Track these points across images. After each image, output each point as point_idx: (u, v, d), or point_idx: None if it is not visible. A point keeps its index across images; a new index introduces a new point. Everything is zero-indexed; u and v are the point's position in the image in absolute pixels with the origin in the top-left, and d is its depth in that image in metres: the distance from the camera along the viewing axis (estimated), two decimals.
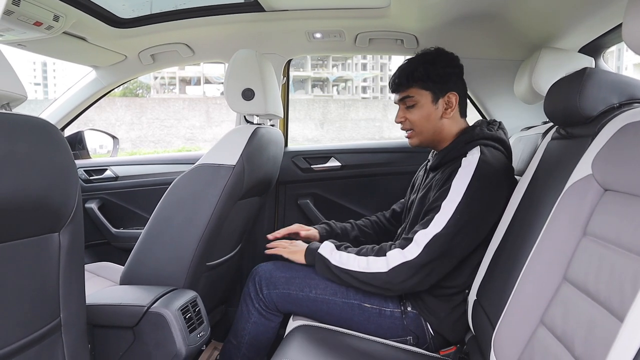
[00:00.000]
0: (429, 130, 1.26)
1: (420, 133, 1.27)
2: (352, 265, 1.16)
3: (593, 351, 0.61)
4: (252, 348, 1.29)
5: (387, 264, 1.12)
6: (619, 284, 0.61)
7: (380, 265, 1.12)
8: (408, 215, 1.34)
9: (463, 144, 1.20)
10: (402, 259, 1.11)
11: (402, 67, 1.27)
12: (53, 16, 1.32)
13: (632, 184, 0.67)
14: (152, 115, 12.54)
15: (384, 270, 1.11)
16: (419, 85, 1.24)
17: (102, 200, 1.99)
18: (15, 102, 0.78)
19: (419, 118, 1.25)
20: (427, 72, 1.22)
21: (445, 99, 1.24)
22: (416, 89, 1.24)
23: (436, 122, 1.25)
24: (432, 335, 1.18)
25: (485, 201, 1.13)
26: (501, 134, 1.25)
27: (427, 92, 1.24)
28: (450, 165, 1.20)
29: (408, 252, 1.11)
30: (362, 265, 1.14)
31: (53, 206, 0.76)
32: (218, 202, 1.21)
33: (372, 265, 1.13)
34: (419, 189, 1.34)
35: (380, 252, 1.16)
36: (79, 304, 0.86)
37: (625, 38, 0.71)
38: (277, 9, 1.58)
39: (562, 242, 0.79)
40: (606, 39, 1.40)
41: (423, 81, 1.23)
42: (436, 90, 1.24)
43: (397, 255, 1.12)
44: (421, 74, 1.23)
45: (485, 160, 1.14)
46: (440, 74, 1.23)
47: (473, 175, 1.11)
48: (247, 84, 1.33)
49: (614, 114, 0.85)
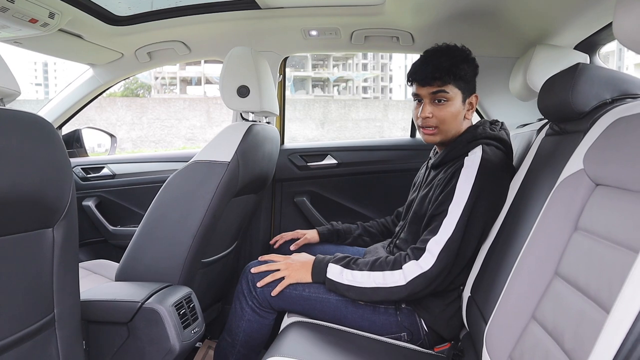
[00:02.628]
0: (453, 129, 1.23)
1: (445, 131, 1.23)
2: (367, 282, 1.14)
3: (582, 344, 0.61)
4: (247, 345, 1.29)
5: (405, 277, 1.11)
6: (608, 278, 0.61)
7: (397, 279, 1.12)
8: (408, 214, 1.34)
9: (465, 142, 1.21)
10: (419, 271, 1.11)
11: (437, 60, 1.20)
12: (48, 13, 1.32)
13: (623, 178, 0.67)
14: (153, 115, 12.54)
15: (402, 284, 1.11)
16: (455, 83, 1.20)
17: (99, 198, 1.99)
18: (9, 97, 0.79)
19: (449, 116, 1.21)
20: (466, 71, 1.20)
21: (470, 99, 1.25)
22: (452, 86, 1.20)
23: (460, 122, 1.24)
24: (426, 332, 1.18)
25: (490, 199, 1.14)
26: (503, 134, 1.25)
27: (459, 91, 1.21)
28: (452, 164, 1.20)
29: (423, 262, 1.11)
30: (378, 280, 1.13)
31: (47, 201, 0.76)
32: (212, 198, 1.21)
33: (388, 279, 1.12)
34: (420, 187, 1.34)
35: (395, 265, 1.14)
36: (73, 299, 0.87)
37: (616, 33, 0.72)
38: (272, 6, 1.58)
39: (553, 237, 0.79)
40: (601, 35, 1.40)
41: (460, 79, 1.20)
42: (466, 90, 1.23)
43: (413, 267, 1.11)
44: (462, 71, 1.20)
45: (487, 159, 1.14)
46: (472, 74, 1.23)
47: (477, 175, 1.12)
48: (243, 81, 1.33)
49: (606, 109, 0.86)
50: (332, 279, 1.17)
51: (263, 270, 1.24)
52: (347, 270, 1.17)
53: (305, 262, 1.24)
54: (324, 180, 1.93)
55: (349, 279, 1.15)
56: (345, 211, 1.93)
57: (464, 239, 1.11)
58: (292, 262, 1.25)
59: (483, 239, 1.15)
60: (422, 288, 1.11)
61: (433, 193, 1.20)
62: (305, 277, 1.21)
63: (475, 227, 1.12)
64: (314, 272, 1.21)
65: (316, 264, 1.22)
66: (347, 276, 1.16)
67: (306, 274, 1.21)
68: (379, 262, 1.16)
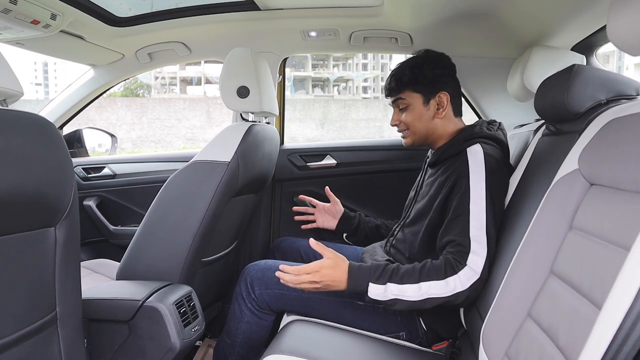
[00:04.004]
0: (422, 130, 1.29)
1: (413, 133, 1.30)
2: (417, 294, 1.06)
3: (575, 341, 0.62)
4: (246, 347, 1.29)
5: (462, 284, 1.05)
6: (601, 276, 0.62)
7: (455, 286, 1.05)
8: (407, 212, 1.34)
9: (462, 141, 1.21)
10: (475, 276, 1.05)
11: (392, 72, 1.31)
12: (50, 14, 1.33)
13: (617, 178, 0.68)
14: (153, 115, 12.54)
15: (461, 290, 1.05)
16: (409, 88, 1.27)
17: (100, 198, 2.00)
18: (12, 98, 0.79)
19: (411, 119, 1.29)
20: (415, 76, 1.26)
21: (437, 99, 1.27)
22: (407, 92, 1.28)
23: (428, 122, 1.28)
24: (425, 331, 1.18)
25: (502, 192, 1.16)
26: (500, 134, 1.26)
27: (417, 95, 1.27)
28: (449, 163, 1.20)
29: (475, 266, 1.05)
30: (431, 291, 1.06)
31: (49, 201, 0.77)
32: (213, 198, 1.22)
33: (443, 289, 1.06)
34: (420, 186, 1.35)
35: (447, 271, 1.06)
36: (75, 298, 0.88)
37: (610, 35, 0.73)
38: (272, 7, 1.59)
39: (549, 236, 0.80)
40: (598, 37, 1.41)
41: (412, 84, 1.26)
42: (426, 92, 1.26)
43: (468, 273, 1.05)
44: (409, 78, 1.26)
45: (489, 154, 1.16)
46: (428, 76, 1.26)
47: (486, 172, 1.12)
48: (242, 82, 1.34)
49: (601, 110, 0.87)
50: (376, 299, 1.08)
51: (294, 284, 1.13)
52: (391, 284, 1.07)
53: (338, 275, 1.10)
54: (323, 180, 1.94)
55: (395, 293, 1.07)
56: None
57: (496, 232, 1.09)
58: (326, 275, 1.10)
59: None
60: (479, 292, 1.06)
61: (435, 192, 1.20)
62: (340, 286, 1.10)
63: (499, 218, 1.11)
64: (350, 285, 1.09)
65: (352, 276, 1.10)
66: (392, 291, 1.07)
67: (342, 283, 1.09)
68: (426, 269, 1.08)
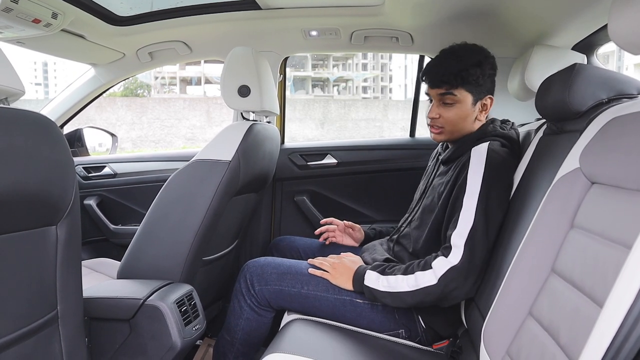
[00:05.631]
0: (461, 130, 1.24)
1: (451, 132, 1.25)
2: (401, 286, 1.12)
3: (576, 339, 0.62)
4: (246, 343, 1.29)
5: (435, 275, 1.09)
6: (603, 274, 0.63)
7: (429, 279, 1.09)
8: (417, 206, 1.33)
9: (475, 139, 1.21)
10: (448, 265, 1.08)
11: (447, 63, 1.21)
12: (51, 13, 1.33)
13: (617, 176, 0.68)
14: (153, 115, 12.55)
15: (434, 283, 1.09)
16: (464, 86, 1.20)
17: (100, 197, 2.00)
18: (13, 97, 0.79)
19: (456, 118, 1.23)
20: (477, 76, 1.19)
21: (483, 101, 1.24)
22: (461, 89, 1.20)
23: (469, 123, 1.24)
24: (424, 329, 1.18)
25: (500, 187, 1.14)
26: (512, 133, 1.25)
27: (469, 94, 1.21)
28: (458, 161, 1.21)
29: (452, 257, 1.09)
30: (410, 283, 1.11)
31: (50, 199, 0.77)
32: (214, 197, 1.22)
33: (420, 280, 1.10)
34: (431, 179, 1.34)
35: (425, 266, 1.12)
36: (76, 296, 0.88)
37: (611, 34, 0.73)
38: (273, 6, 1.59)
39: (550, 235, 0.80)
40: (599, 36, 1.41)
41: (470, 83, 1.20)
42: (477, 92, 1.22)
43: (442, 263, 1.09)
44: (472, 77, 1.19)
45: (493, 149, 1.15)
46: (485, 77, 1.21)
47: (485, 165, 1.12)
48: (243, 81, 1.34)
49: (602, 109, 0.87)
50: (370, 286, 1.15)
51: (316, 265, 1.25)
52: (383, 277, 1.15)
53: (350, 268, 1.22)
54: (323, 180, 1.94)
55: (384, 285, 1.14)
56: (345, 210, 1.94)
57: (486, 227, 1.09)
58: (340, 264, 1.24)
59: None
60: (456, 284, 1.07)
61: (444, 189, 1.21)
62: (347, 283, 1.20)
63: (494, 214, 1.11)
64: (355, 280, 1.19)
65: (357, 271, 1.20)
66: (383, 282, 1.14)
67: (347, 280, 1.20)
68: (412, 266, 1.15)
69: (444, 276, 1.08)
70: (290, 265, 1.27)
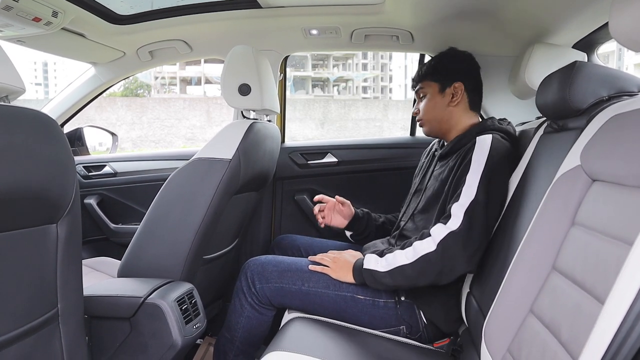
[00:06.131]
0: (436, 117, 1.36)
1: (429, 121, 1.38)
2: (401, 260, 1.13)
3: (578, 336, 0.62)
4: (246, 342, 1.29)
5: (434, 240, 1.11)
6: (604, 271, 0.63)
7: (428, 245, 1.11)
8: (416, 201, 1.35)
9: (475, 133, 1.25)
10: (446, 230, 1.10)
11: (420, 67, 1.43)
12: (52, 12, 1.33)
13: (619, 173, 0.68)
14: (153, 115, 12.56)
15: (433, 249, 1.10)
16: (427, 78, 1.38)
17: (100, 196, 2.00)
18: (14, 94, 0.79)
19: (428, 107, 1.37)
20: (434, 67, 1.37)
21: (452, 88, 1.34)
22: (426, 81, 1.38)
23: (443, 110, 1.35)
24: (425, 325, 1.19)
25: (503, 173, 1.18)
26: (510, 128, 1.30)
27: (434, 84, 1.36)
28: (460, 152, 1.25)
29: (451, 223, 1.11)
30: (409, 255, 1.13)
31: (51, 197, 0.77)
32: (214, 196, 1.22)
33: (419, 249, 1.12)
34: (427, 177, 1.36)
35: (423, 235, 1.14)
36: (77, 294, 0.88)
37: (612, 31, 0.73)
38: (273, 5, 1.59)
39: (551, 232, 0.80)
40: (599, 34, 1.41)
41: (431, 74, 1.37)
42: (442, 80, 1.35)
43: (441, 228, 1.11)
44: (428, 68, 1.38)
45: (498, 140, 1.21)
46: (446, 67, 1.36)
47: (490, 150, 1.17)
48: (244, 80, 1.34)
49: (603, 107, 0.87)
50: (370, 269, 1.17)
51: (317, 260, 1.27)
52: (381, 258, 1.18)
53: (349, 261, 1.24)
54: (324, 179, 1.94)
55: (384, 265, 1.16)
56: None
57: (486, 205, 1.11)
58: (340, 257, 1.26)
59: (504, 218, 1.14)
60: (455, 251, 1.08)
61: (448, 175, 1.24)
62: (347, 276, 1.21)
63: (495, 196, 1.14)
64: (355, 270, 1.21)
65: (357, 262, 1.22)
66: (382, 263, 1.16)
67: (348, 272, 1.22)
68: (409, 241, 1.18)
69: (443, 241, 1.10)
70: (291, 263, 1.27)
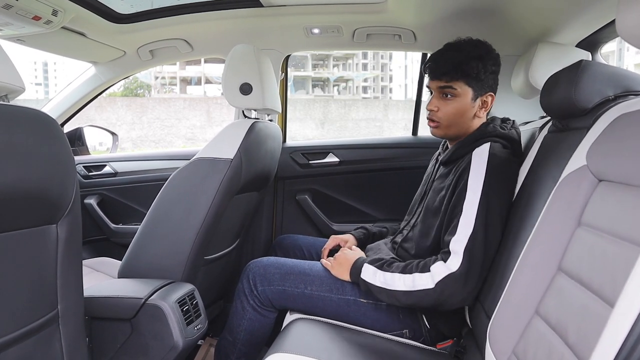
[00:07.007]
0: (458, 125, 1.22)
1: (447, 127, 1.23)
2: (398, 285, 1.11)
3: (586, 338, 0.61)
4: (248, 344, 1.28)
5: (433, 280, 1.07)
6: (612, 272, 0.62)
7: (426, 282, 1.08)
8: (418, 208, 1.32)
9: (474, 140, 1.19)
10: (446, 272, 1.06)
11: (450, 55, 1.20)
12: (52, 11, 1.32)
13: (626, 173, 0.67)
14: (153, 115, 12.56)
15: (431, 287, 1.07)
16: (465, 80, 1.18)
17: (101, 196, 2.00)
18: (13, 94, 0.79)
19: (454, 112, 1.20)
20: (479, 70, 1.17)
21: (483, 98, 1.21)
22: (461, 83, 1.18)
23: (468, 119, 1.21)
24: (428, 328, 1.18)
25: (502, 192, 1.12)
26: (513, 133, 1.22)
27: (469, 89, 1.19)
28: (459, 163, 1.19)
29: (451, 263, 1.07)
30: (407, 283, 1.10)
31: (51, 197, 0.77)
32: (215, 195, 1.22)
33: (417, 282, 1.09)
34: (429, 181, 1.33)
35: (424, 268, 1.11)
36: (77, 295, 0.87)
37: (619, 30, 0.72)
38: (275, 4, 1.58)
39: (557, 233, 0.80)
40: (603, 33, 1.40)
41: (470, 77, 1.17)
42: (478, 88, 1.19)
43: (441, 268, 1.08)
44: (473, 70, 1.17)
45: (494, 154, 1.13)
46: (488, 73, 1.19)
47: (486, 170, 1.10)
48: (245, 79, 1.34)
49: (609, 106, 0.86)
50: (366, 280, 1.15)
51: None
52: (380, 271, 1.15)
53: (348, 259, 1.23)
54: (325, 178, 1.94)
55: (381, 280, 1.13)
56: (347, 209, 1.93)
57: (486, 234, 1.07)
58: (341, 254, 1.26)
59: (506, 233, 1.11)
60: (452, 291, 1.06)
61: (445, 192, 1.18)
62: (344, 274, 1.21)
63: (494, 220, 1.09)
64: (352, 271, 1.20)
65: (355, 263, 1.20)
66: (379, 278, 1.14)
67: (345, 271, 1.21)
68: (411, 265, 1.14)
69: (442, 282, 1.07)
70: (294, 265, 1.26)
